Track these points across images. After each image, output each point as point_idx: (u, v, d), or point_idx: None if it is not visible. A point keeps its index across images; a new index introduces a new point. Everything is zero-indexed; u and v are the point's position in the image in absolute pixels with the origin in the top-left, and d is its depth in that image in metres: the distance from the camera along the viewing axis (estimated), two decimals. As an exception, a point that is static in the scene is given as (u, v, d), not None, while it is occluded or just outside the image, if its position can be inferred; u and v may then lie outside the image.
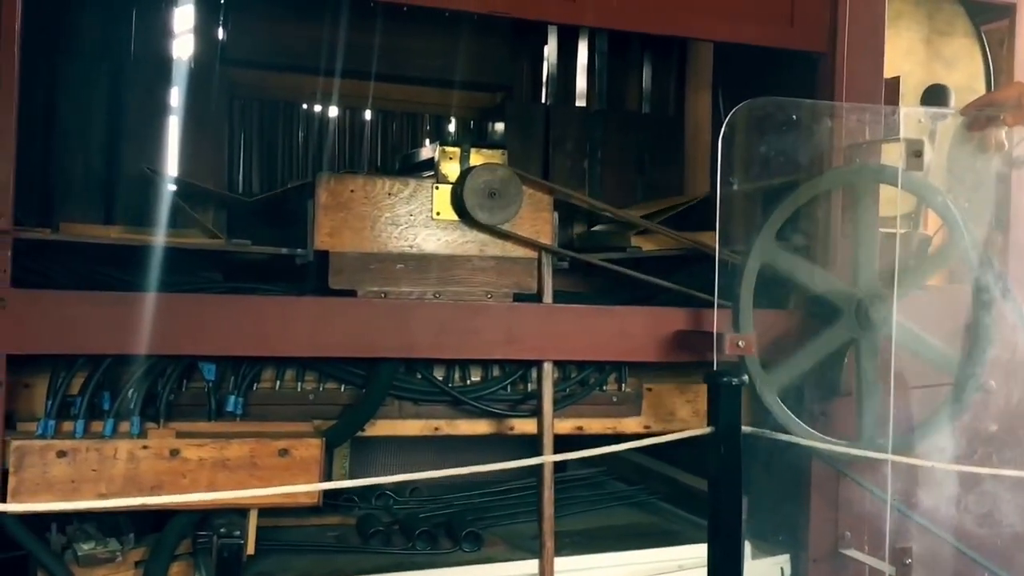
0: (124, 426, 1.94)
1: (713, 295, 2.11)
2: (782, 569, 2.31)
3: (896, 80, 2.55)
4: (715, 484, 1.72)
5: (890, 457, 2.16)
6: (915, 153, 2.19)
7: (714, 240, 2.27)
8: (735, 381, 1.73)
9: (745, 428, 1.73)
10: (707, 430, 1.73)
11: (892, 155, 2.27)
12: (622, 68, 3.31)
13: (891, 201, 2.32)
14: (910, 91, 2.66)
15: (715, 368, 2.03)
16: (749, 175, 2.30)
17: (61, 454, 1.87)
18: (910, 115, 2.32)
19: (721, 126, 2.12)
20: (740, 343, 2.10)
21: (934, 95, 2.66)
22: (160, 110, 2.71)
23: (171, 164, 2.72)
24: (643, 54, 3.31)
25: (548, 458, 2.09)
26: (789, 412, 2.16)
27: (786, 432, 2.14)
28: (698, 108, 3.23)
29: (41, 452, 1.86)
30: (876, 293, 2.18)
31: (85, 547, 1.92)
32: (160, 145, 2.68)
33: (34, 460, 1.86)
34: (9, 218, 1.78)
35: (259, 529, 2.01)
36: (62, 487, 1.86)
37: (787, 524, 2.35)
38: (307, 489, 1.88)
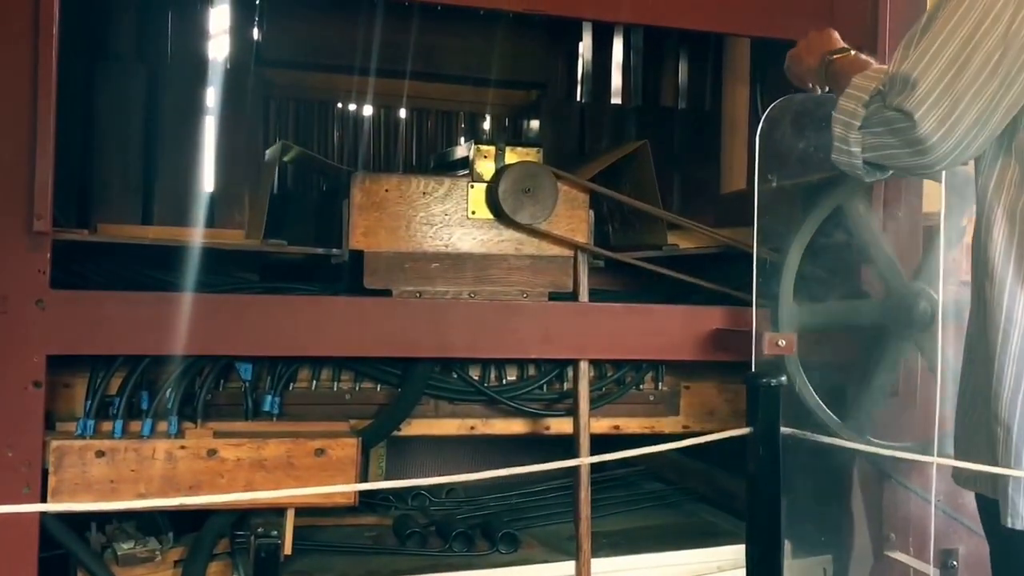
0: (162, 426, 1.95)
1: (750, 293, 2.07)
2: (824, 570, 2.27)
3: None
4: (753, 485, 1.68)
5: (935, 460, 2.11)
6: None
7: (751, 237, 2.24)
8: (774, 382, 1.69)
9: (784, 429, 1.69)
10: (746, 430, 1.69)
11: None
12: (657, 64, 3.27)
13: (933, 196, 2.27)
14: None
15: (754, 367, 1.99)
16: (787, 171, 2.25)
17: (100, 454, 1.88)
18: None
19: (759, 122, 2.08)
20: (780, 342, 2.05)
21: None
22: (196, 111, 2.73)
23: (207, 166, 2.73)
24: (679, 50, 3.27)
25: (585, 460, 2.07)
26: (831, 413, 2.12)
27: (828, 433, 2.09)
28: (735, 104, 3.18)
29: (80, 452, 1.88)
30: (921, 290, 2.12)
31: (125, 547, 1.93)
32: (196, 146, 2.70)
33: (73, 460, 1.87)
34: (48, 220, 1.79)
35: (296, 529, 2.01)
36: (101, 487, 1.87)
37: (830, 525, 2.30)
38: (344, 489, 1.88)
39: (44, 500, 1.83)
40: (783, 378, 1.72)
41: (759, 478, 1.66)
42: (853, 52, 1.68)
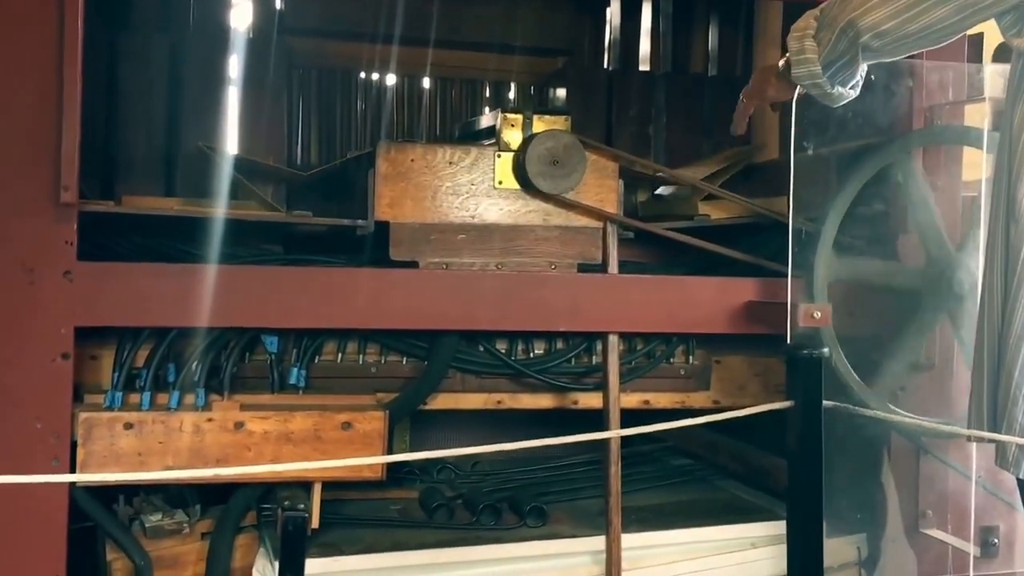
0: (188, 398, 1.94)
1: (784, 264, 2.03)
2: (859, 548, 2.23)
3: (980, 37, 2.41)
4: (794, 461, 1.65)
5: (973, 433, 2.07)
6: (1001, 113, 2.06)
7: (785, 206, 2.19)
8: (815, 353, 1.65)
9: (826, 403, 1.65)
10: (787, 404, 1.65)
11: (975, 116, 2.15)
12: (687, 30, 3.19)
13: (973, 165, 2.20)
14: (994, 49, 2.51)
15: (788, 340, 1.95)
16: (824, 138, 2.19)
17: (128, 426, 1.88)
18: (995, 73, 2.20)
19: None
20: (815, 314, 2.01)
21: (1005, 52, 2.51)
22: (219, 81, 2.70)
23: (231, 136, 2.70)
24: (709, 14, 3.19)
25: (616, 432, 2.04)
26: (866, 386, 2.08)
27: (864, 407, 2.05)
28: (767, 70, 3.09)
29: (109, 424, 1.87)
30: (957, 263, 2.06)
31: (153, 519, 1.94)
32: (219, 117, 2.67)
33: (102, 432, 1.87)
34: (75, 191, 1.78)
35: (322, 501, 2.00)
36: (129, 459, 1.87)
37: (864, 502, 2.26)
38: (373, 461, 1.86)
39: (73, 473, 1.83)
40: (825, 350, 1.67)
41: (801, 454, 1.62)
42: None
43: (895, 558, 2.24)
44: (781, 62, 1.76)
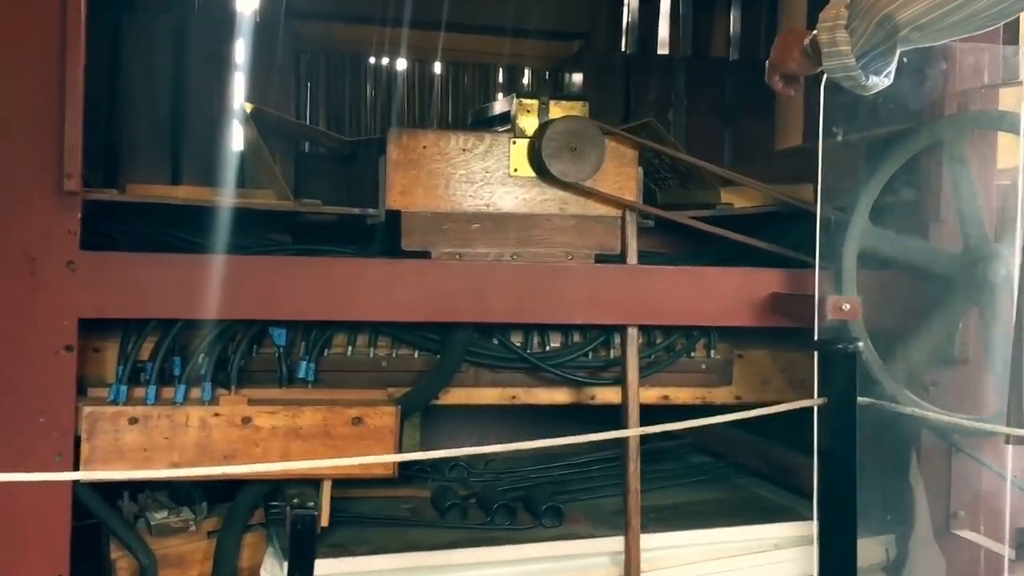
0: (195, 392, 1.90)
1: (810, 255, 1.97)
2: (887, 550, 2.16)
3: (1016, 18, 2.32)
4: (827, 461, 1.58)
5: (1007, 431, 1.99)
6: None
7: (810, 194, 2.12)
8: (850, 348, 1.57)
9: (861, 400, 1.58)
10: (819, 401, 1.58)
11: (1011, 100, 2.08)
12: (708, 12, 3.12)
13: (1008, 151, 2.12)
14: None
15: (816, 333, 1.89)
16: (855, 124, 2.12)
17: (133, 421, 1.84)
18: (1031, 56, 2.12)
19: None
20: (844, 306, 1.95)
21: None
22: (226, 66, 2.63)
23: (237, 122, 2.64)
24: (730, -4, 3.11)
25: (636, 431, 1.97)
26: (898, 383, 2.00)
27: (896, 403, 1.97)
28: (790, 54, 3.00)
29: (113, 419, 1.83)
30: (995, 252, 1.98)
31: (158, 516, 1.90)
32: (225, 103, 2.61)
33: (106, 427, 1.83)
34: (79, 179, 1.75)
35: (332, 499, 1.95)
36: (134, 455, 1.83)
37: (892, 501, 2.19)
38: (384, 460, 1.80)
39: (77, 468, 1.79)
40: (860, 343, 1.59)
41: (834, 453, 1.56)
42: None
43: (925, 560, 2.18)
44: (807, 40, 1.68)
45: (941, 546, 2.15)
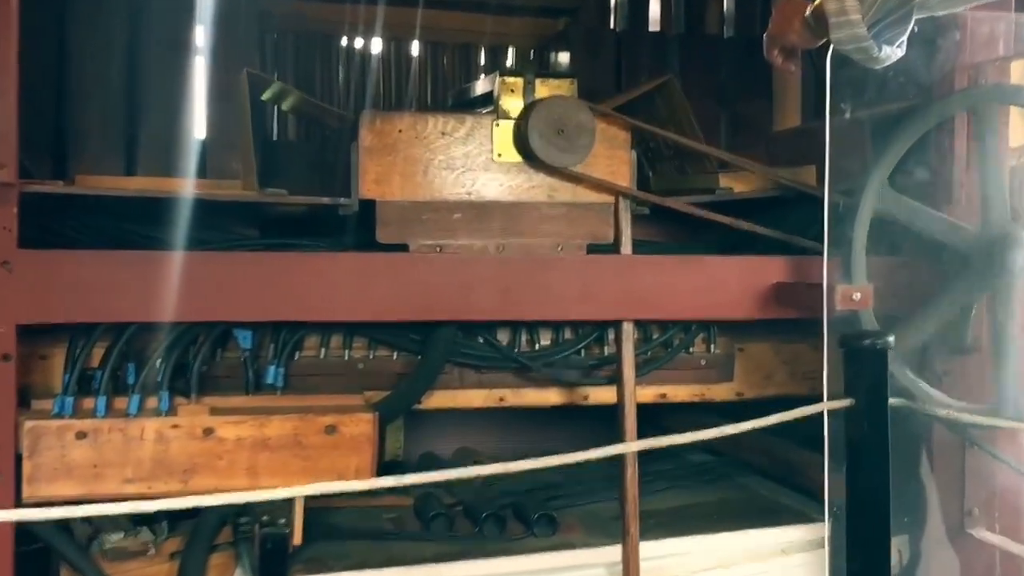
0: (151, 402, 1.78)
1: (817, 241, 1.87)
2: (899, 552, 2.05)
3: (1031, -15, 2.21)
4: (856, 464, 1.48)
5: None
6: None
7: (811, 177, 2.01)
8: (879, 344, 1.45)
9: (893, 401, 1.47)
10: (846, 403, 1.45)
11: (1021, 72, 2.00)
12: (700, -12, 3.00)
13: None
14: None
15: (825, 325, 1.79)
16: (863, 100, 2.00)
17: (81, 435, 1.71)
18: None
19: (816, 50, 1.82)
20: (855, 295, 1.87)
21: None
22: (185, 47, 2.48)
23: (198, 109, 2.49)
24: (724, -30, 3.00)
25: (633, 445, 1.86)
26: (912, 375, 1.90)
27: (907, 397, 1.87)
28: (786, 30, 2.90)
29: (58, 433, 1.70)
30: (1011, 234, 1.88)
31: (113, 538, 1.77)
32: (185, 86, 2.45)
33: (51, 442, 1.70)
34: (13, 169, 1.62)
35: (306, 510, 1.83)
36: (83, 473, 1.70)
37: (903, 500, 2.08)
38: (358, 487, 1.68)
39: (18, 488, 1.66)
40: (891, 339, 1.47)
41: (864, 456, 1.46)
42: None
43: (938, 561, 2.09)
44: (809, 10, 1.59)
45: (955, 546, 2.06)
